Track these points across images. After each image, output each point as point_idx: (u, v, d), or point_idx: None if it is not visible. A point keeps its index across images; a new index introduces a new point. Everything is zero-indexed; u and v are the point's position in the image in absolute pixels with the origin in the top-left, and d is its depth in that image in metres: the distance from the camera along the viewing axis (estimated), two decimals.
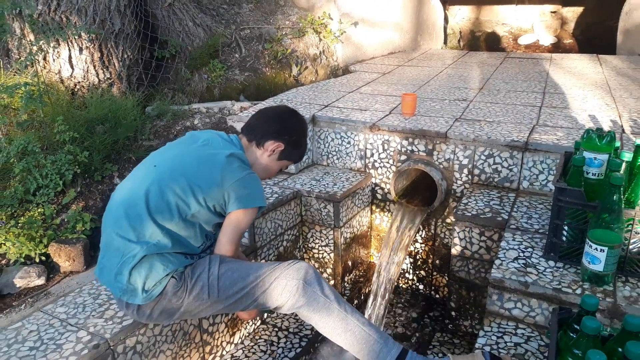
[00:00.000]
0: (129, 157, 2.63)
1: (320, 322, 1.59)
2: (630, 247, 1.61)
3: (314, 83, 3.62)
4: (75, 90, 2.91)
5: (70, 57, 2.82)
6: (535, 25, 6.44)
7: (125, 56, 3.02)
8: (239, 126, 2.79)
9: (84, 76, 2.89)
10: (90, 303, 1.77)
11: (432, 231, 2.64)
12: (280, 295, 1.58)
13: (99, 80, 2.94)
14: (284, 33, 3.85)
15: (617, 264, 1.57)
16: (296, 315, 1.66)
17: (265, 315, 2.33)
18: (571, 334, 1.19)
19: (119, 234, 1.52)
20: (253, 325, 2.26)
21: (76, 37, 2.70)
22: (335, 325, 1.57)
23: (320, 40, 3.98)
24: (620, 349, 1.07)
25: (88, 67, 2.87)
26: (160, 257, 1.52)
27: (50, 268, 2.11)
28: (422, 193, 2.66)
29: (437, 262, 2.69)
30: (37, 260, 2.10)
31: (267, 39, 3.77)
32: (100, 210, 2.43)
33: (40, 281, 2.05)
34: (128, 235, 1.51)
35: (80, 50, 2.80)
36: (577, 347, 1.12)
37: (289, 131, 1.75)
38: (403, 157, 2.58)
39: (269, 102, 2.99)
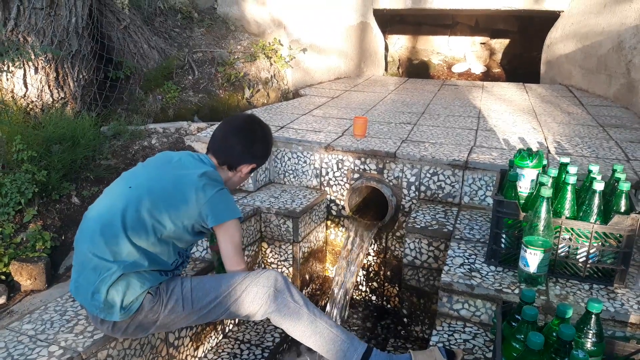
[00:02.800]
0: (87, 176, 2.64)
1: (291, 327, 1.70)
2: (559, 251, 1.85)
3: (266, 105, 3.77)
4: (28, 109, 2.88)
5: (25, 77, 2.81)
6: (467, 55, 6.94)
7: (81, 76, 3.04)
8: (197, 146, 2.87)
9: (38, 96, 2.88)
10: (58, 319, 1.79)
11: (384, 244, 2.83)
12: (251, 303, 1.68)
13: (53, 100, 2.94)
14: (236, 57, 3.99)
15: (549, 267, 1.80)
16: (257, 327, 1.76)
17: (227, 329, 2.40)
18: (513, 324, 1.39)
19: (95, 254, 1.56)
20: (216, 339, 2.33)
21: (33, 57, 2.70)
22: (305, 328, 1.69)
23: (271, 64, 4.14)
24: (554, 333, 1.27)
25: (43, 86, 2.86)
26: (137, 274, 1.57)
27: (10, 287, 2.09)
28: (374, 209, 2.85)
29: (389, 273, 2.87)
30: None
31: (220, 62, 3.89)
32: (59, 229, 2.43)
33: (2, 300, 2.03)
34: (105, 254, 1.55)
35: (36, 70, 2.80)
36: (519, 332, 1.31)
37: (260, 149, 1.83)
38: (356, 175, 2.76)
39: None
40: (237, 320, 2.45)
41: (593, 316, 1.31)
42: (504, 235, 1.92)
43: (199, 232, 1.68)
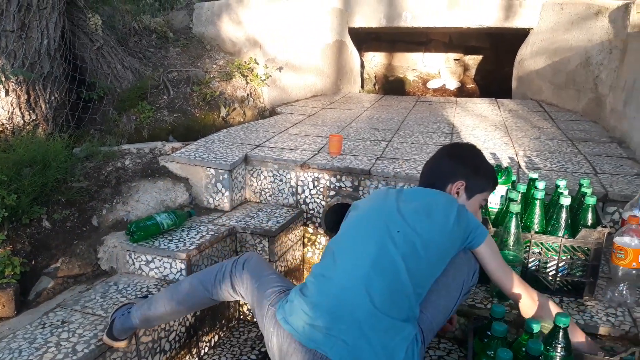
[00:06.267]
0: (59, 199, 2.60)
1: None
2: (530, 265, 1.88)
3: (242, 124, 3.77)
4: None
5: None
6: (441, 71, 7.07)
7: (53, 98, 3.01)
8: (171, 166, 2.86)
9: (9, 118, 2.84)
10: (27, 347, 1.75)
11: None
12: None
13: (25, 122, 2.90)
14: (211, 76, 3.99)
15: None
16: (233, 349, 1.71)
17: (202, 352, 2.37)
18: (484, 340, 1.40)
19: (386, 312, 1.36)
20: None
21: (3, 79, 2.67)
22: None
23: (247, 83, 4.16)
24: (523, 348, 1.29)
25: (14, 109, 2.82)
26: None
27: None
28: None
29: None
30: None
31: (195, 81, 3.89)
32: (29, 254, 2.38)
33: None
34: (395, 314, 1.37)
35: (7, 92, 2.77)
36: (489, 348, 1.32)
37: (462, 163, 1.68)
38: (332, 193, 2.77)
39: (201, 143, 3.10)
40: (212, 343, 2.42)
41: (561, 330, 1.33)
42: None
43: None
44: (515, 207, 1.74)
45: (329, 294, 1.41)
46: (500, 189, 1.97)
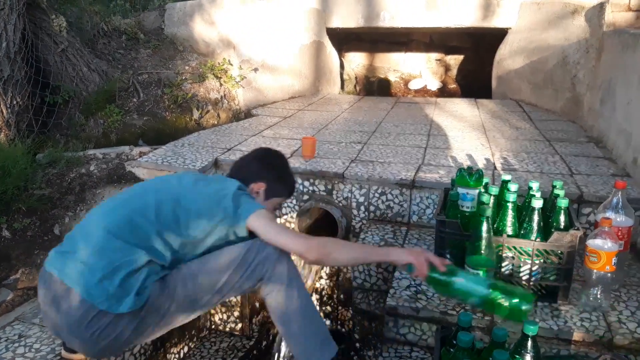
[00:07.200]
0: (19, 208, 2.50)
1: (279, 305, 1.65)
2: (503, 269, 1.82)
3: (216, 127, 3.68)
4: None
5: None
6: (423, 72, 7.04)
7: (15, 102, 2.90)
8: (138, 172, 2.76)
9: None
10: None
11: (336, 267, 2.76)
12: (252, 274, 1.61)
13: None
14: (184, 78, 3.90)
15: None
16: None
17: None
18: (451, 349, 1.34)
19: (119, 235, 1.51)
20: None
21: None
22: (294, 309, 1.64)
23: (221, 85, 4.07)
24: (490, 358, 1.23)
25: None
26: (153, 265, 1.53)
27: None
28: (325, 230, 2.79)
29: (342, 296, 2.80)
30: None
31: (167, 83, 3.80)
32: None
33: None
34: (130, 239, 1.51)
35: None
36: (455, 359, 1.26)
37: (268, 168, 1.83)
38: (305, 197, 2.70)
39: (170, 147, 3.00)
40: (181, 355, 2.33)
41: (529, 339, 1.27)
42: (448, 256, 1.89)
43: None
44: (487, 211, 1.68)
45: (77, 227, 1.61)
46: (472, 192, 1.91)
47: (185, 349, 2.38)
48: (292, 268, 1.64)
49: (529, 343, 1.26)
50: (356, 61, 7.18)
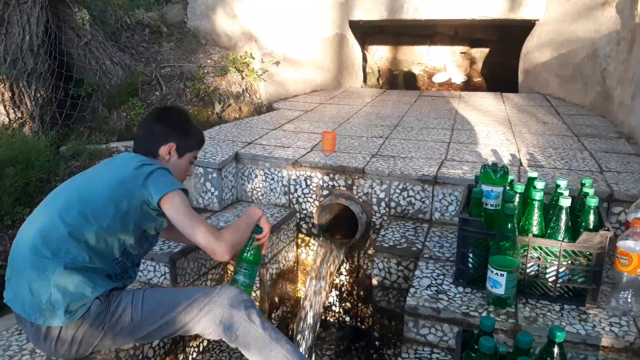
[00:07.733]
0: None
1: (244, 349, 1.60)
2: (528, 270, 1.76)
3: (237, 120, 3.67)
4: None
5: None
6: (447, 65, 6.91)
7: (39, 95, 2.93)
8: None
9: None
10: (0, 355, 1.68)
11: (356, 263, 2.73)
12: (207, 322, 1.59)
13: (10, 120, 2.82)
14: (206, 71, 3.90)
15: (517, 287, 1.72)
16: None
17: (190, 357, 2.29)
18: (472, 354, 1.29)
19: (34, 252, 1.47)
20: None
21: None
22: (259, 352, 1.58)
23: (243, 78, 4.05)
24: None
25: None
26: (85, 276, 1.48)
27: None
28: (344, 226, 2.75)
29: (362, 293, 2.77)
30: None
31: (189, 77, 3.80)
32: None
33: None
34: (43, 252, 1.47)
35: None
36: None
37: (171, 127, 1.78)
38: (325, 192, 2.67)
39: None
40: (200, 348, 2.34)
41: (556, 345, 1.21)
42: (470, 255, 1.84)
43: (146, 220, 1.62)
44: (512, 209, 1.63)
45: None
46: (497, 189, 1.85)
47: (205, 342, 2.39)
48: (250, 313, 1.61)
49: (556, 350, 1.21)
50: (379, 54, 7.10)
